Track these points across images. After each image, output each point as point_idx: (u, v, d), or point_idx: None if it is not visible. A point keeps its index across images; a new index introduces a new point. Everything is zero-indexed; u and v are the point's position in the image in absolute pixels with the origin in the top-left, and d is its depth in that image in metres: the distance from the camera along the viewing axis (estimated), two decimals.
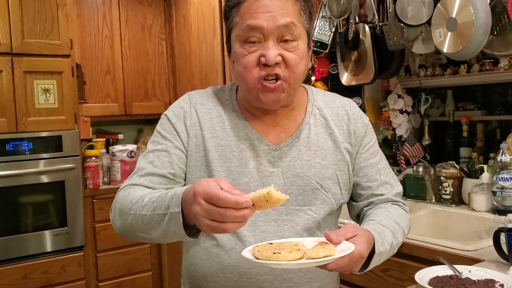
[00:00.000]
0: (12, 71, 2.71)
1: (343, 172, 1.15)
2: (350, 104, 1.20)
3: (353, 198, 1.21)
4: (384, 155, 1.24)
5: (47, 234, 2.84)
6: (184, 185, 1.12)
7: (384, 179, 1.18)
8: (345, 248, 0.90)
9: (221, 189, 0.83)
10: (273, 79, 1.04)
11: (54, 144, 2.86)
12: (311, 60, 2.63)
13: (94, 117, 3.31)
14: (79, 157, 2.94)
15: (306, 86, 1.22)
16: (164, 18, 3.61)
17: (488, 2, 1.78)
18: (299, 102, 1.16)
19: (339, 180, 1.14)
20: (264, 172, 1.10)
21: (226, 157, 1.10)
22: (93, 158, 3.14)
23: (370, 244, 0.98)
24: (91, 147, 3.21)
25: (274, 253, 0.85)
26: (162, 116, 1.16)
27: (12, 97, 2.72)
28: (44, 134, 2.82)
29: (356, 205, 1.21)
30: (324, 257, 0.86)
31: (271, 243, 0.91)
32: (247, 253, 0.89)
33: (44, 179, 2.84)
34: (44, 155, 2.83)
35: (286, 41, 1.03)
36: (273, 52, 1.01)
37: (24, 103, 2.76)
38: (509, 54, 1.86)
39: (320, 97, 1.19)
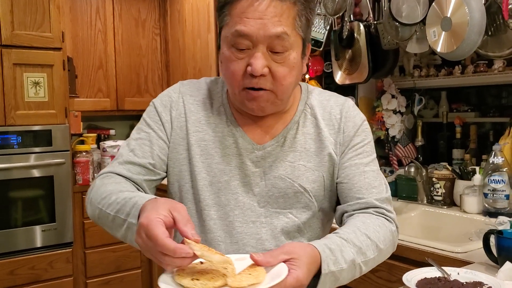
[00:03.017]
0: (1, 63, 2.67)
1: (331, 174, 1.09)
2: (346, 103, 1.13)
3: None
4: (376, 159, 1.15)
5: (35, 229, 2.81)
6: (167, 177, 1.11)
7: (369, 182, 1.07)
8: (278, 274, 0.78)
9: (174, 222, 0.80)
10: (258, 89, 0.98)
11: (43, 139, 2.82)
12: None
13: (86, 112, 3.27)
14: (69, 152, 2.91)
15: (302, 83, 1.16)
16: (159, 13, 3.58)
17: (483, 2, 1.77)
18: (289, 101, 1.09)
19: (325, 183, 1.09)
20: (245, 172, 1.06)
21: (208, 153, 1.07)
22: (84, 153, 3.11)
23: (314, 264, 0.86)
24: (82, 142, 3.18)
25: (192, 279, 0.77)
26: (150, 103, 1.13)
27: (0, 89, 2.68)
28: (33, 128, 2.78)
29: (338, 208, 1.12)
30: (248, 286, 0.76)
31: (202, 262, 0.83)
32: (168, 273, 0.81)
33: (33, 173, 2.80)
34: (33, 149, 2.79)
35: (275, 52, 0.96)
36: (260, 62, 0.94)
37: (13, 96, 2.72)
38: (503, 55, 1.85)
39: (315, 96, 1.13)
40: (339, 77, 2.47)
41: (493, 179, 1.87)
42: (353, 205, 1.05)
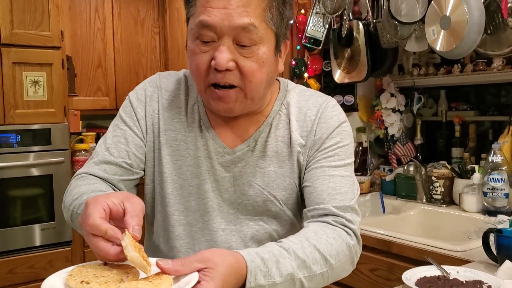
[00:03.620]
0: (1, 62, 2.66)
1: (301, 179, 1.01)
2: (325, 103, 1.02)
3: None
4: (352, 166, 1.02)
5: (34, 228, 2.80)
6: (144, 176, 1.05)
7: (334, 187, 0.95)
8: (187, 285, 0.69)
9: (123, 212, 0.74)
10: (224, 87, 0.90)
11: (42, 137, 2.81)
12: (303, 57, 2.61)
13: (85, 111, 3.27)
14: (68, 150, 2.90)
15: (283, 80, 1.07)
16: (158, 12, 3.57)
17: (482, 0, 1.77)
18: (265, 100, 1.01)
19: (298, 191, 1.01)
20: (215, 176, 1.00)
21: (180, 154, 1.00)
22: (83, 152, 3.10)
23: (235, 276, 0.74)
24: (81, 141, 3.18)
25: (82, 282, 0.69)
26: (127, 97, 1.06)
27: (0, 88, 2.67)
28: (32, 126, 2.78)
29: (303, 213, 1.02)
30: None
31: (105, 264, 0.75)
32: (63, 273, 0.73)
33: (32, 172, 2.79)
34: (32, 148, 2.78)
35: (242, 45, 0.88)
36: (224, 56, 0.87)
37: (12, 95, 2.71)
38: (502, 53, 1.85)
39: (294, 95, 1.04)
40: (338, 75, 2.47)
41: (493, 178, 1.87)
42: (311, 210, 0.95)
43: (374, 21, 2.29)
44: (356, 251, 0.94)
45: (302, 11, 2.57)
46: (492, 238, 1.29)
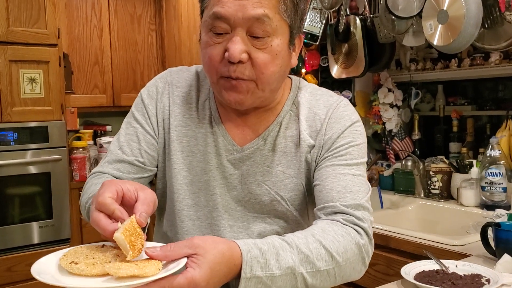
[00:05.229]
0: None
1: (309, 180, 1.00)
2: (336, 103, 1.02)
3: None
4: (365, 166, 1.00)
5: (33, 226, 2.80)
6: (156, 174, 1.07)
7: (345, 185, 0.93)
8: (173, 268, 0.68)
9: (136, 199, 0.77)
10: (236, 79, 0.90)
11: (40, 135, 2.80)
12: (301, 53, 2.60)
13: (82, 108, 3.26)
14: (65, 148, 2.90)
15: (295, 78, 1.07)
16: (154, 9, 3.56)
17: None
18: (276, 97, 1.01)
19: (305, 191, 1.00)
20: (224, 173, 1.00)
21: (190, 150, 1.01)
22: (80, 149, 3.09)
23: (226, 265, 0.73)
24: (78, 139, 3.17)
25: (71, 262, 0.70)
26: (139, 94, 1.07)
27: None
28: (29, 124, 2.77)
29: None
30: (127, 276, 0.66)
31: (103, 246, 0.78)
32: (61, 253, 0.76)
33: (30, 170, 2.79)
34: (30, 146, 2.78)
35: (256, 37, 0.88)
36: (238, 47, 0.86)
37: (9, 93, 2.70)
38: (500, 47, 1.85)
39: (305, 93, 1.03)
40: (335, 71, 2.47)
41: (490, 172, 1.87)
42: (321, 209, 0.93)
43: (371, 16, 2.29)
44: (367, 250, 0.91)
45: None
46: (490, 232, 1.29)
